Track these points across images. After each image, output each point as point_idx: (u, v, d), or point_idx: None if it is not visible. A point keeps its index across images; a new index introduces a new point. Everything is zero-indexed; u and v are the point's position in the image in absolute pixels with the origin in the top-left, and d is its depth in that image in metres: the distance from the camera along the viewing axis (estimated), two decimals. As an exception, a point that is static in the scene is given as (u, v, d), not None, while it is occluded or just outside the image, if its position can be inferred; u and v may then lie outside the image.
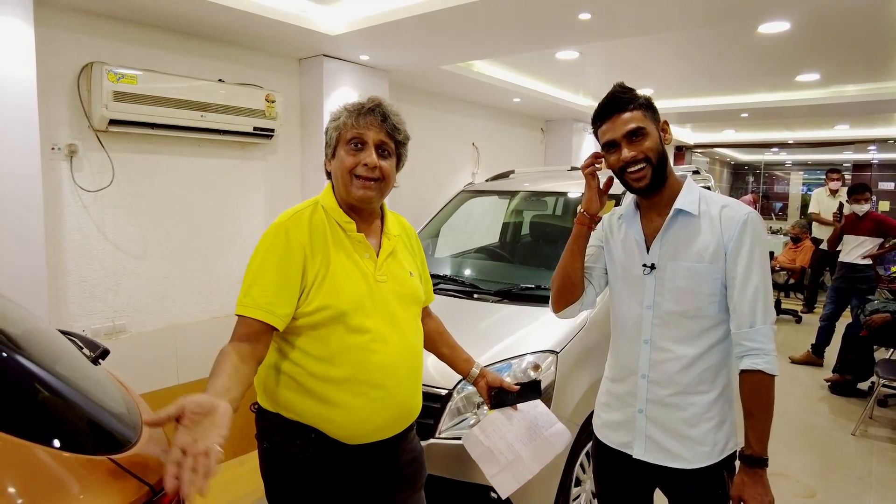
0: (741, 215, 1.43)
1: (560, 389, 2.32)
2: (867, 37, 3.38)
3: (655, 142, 1.44)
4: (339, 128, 1.41)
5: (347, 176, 1.39)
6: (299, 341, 1.38)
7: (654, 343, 1.51)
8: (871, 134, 7.99)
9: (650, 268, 1.50)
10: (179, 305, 3.21)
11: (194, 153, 3.19)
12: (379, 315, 1.40)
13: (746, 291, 1.41)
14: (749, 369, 1.40)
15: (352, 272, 1.39)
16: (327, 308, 1.34)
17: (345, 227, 1.42)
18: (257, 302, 1.29)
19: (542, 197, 3.87)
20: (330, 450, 1.38)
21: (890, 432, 3.99)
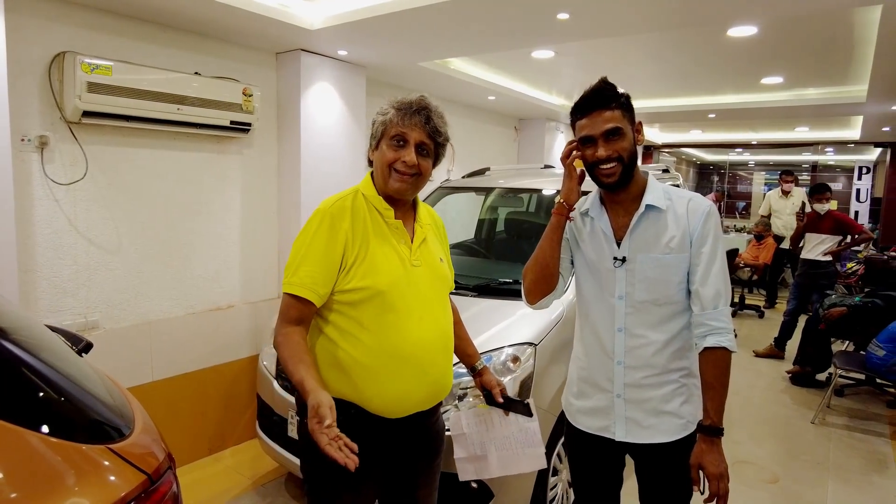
0: (704, 207, 1.56)
1: (538, 380, 2.38)
2: (828, 43, 3.54)
3: (629, 142, 1.52)
4: (385, 123, 1.51)
5: (387, 169, 1.51)
6: (338, 319, 1.49)
7: (628, 330, 1.59)
8: (827, 136, 8.31)
9: (621, 261, 1.58)
10: (154, 301, 3.16)
11: (170, 146, 3.15)
12: (413, 297, 1.51)
13: (709, 276, 1.51)
14: (714, 346, 1.50)
15: (390, 255, 1.50)
16: (366, 288, 1.45)
17: (384, 213, 1.54)
18: (304, 282, 1.43)
19: (517, 194, 3.94)
20: (366, 424, 1.49)
21: (846, 420, 4.18)
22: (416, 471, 1.65)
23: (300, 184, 3.60)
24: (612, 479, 1.75)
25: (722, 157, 12.60)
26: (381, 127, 1.53)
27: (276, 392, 2.78)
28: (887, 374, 3.84)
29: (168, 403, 3.23)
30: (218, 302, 3.50)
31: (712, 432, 1.50)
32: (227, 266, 3.52)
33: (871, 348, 3.96)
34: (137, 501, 0.98)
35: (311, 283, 1.43)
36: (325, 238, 1.46)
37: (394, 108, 1.51)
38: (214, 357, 3.47)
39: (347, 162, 3.91)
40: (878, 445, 3.76)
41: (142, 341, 3.10)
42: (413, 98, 1.51)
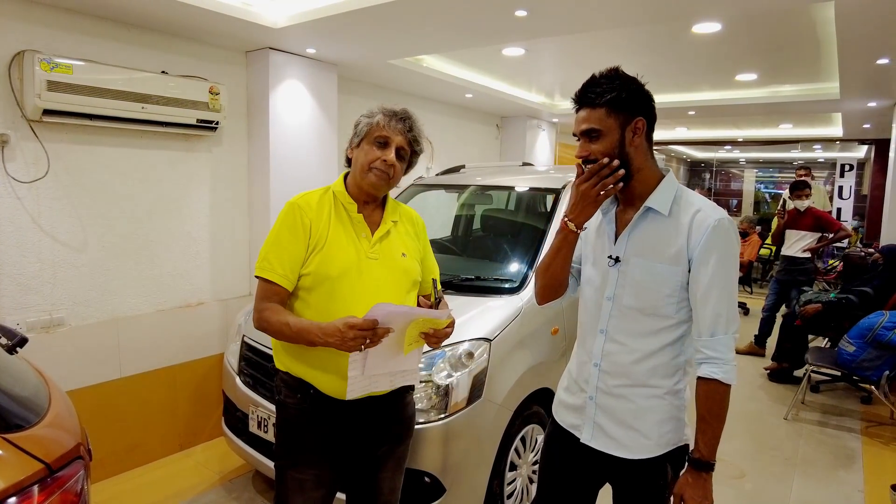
0: (711, 220, 1.41)
1: (492, 375, 2.39)
2: (795, 40, 3.55)
3: (610, 145, 1.42)
4: (370, 124, 1.67)
5: (367, 166, 1.65)
6: (294, 303, 1.65)
7: (608, 334, 1.53)
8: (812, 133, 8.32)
9: (615, 260, 1.52)
10: (122, 298, 3.18)
11: (136, 145, 3.16)
12: (364, 287, 1.62)
13: (708, 301, 1.40)
14: (705, 377, 1.42)
15: (345, 246, 1.63)
16: (318, 273, 1.59)
17: (348, 207, 1.69)
18: (273, 266, 1.59)
19: (491, 191, 3.95)
20: (324, 404, 1.64)
21: (819, 416, 4.20)
22: (378, 454, 1.74)
23: (270, 182, 3.61)
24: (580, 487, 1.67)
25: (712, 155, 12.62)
26: (366, 127, 1.68)
27: (239, 388, 2.79)
28: (857, 370, 3.86)
29: (137, 400, 3.24)
30: (188, 299, 3.51)
31: (699, 466, 1.42)
32: (196, 264, 3.53)
33: (842, 344, 3.98)
34: (40, 488, 1.00)
35: (278, 268, 1.59)
36: (291, 227, 1.61)
37: (382, 112, 1.68)
38: (184, 354, 3.49)
39: (319, 159, 3.92)
40: (847, 441, 3.78)
41: (109, 338, 3.12)
42: (399, 108, 1.71)
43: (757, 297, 7.91)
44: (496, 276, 2.97)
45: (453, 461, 2.25)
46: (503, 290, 2.80)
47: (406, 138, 1.68)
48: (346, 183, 1.73)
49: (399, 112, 1.69)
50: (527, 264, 2.92)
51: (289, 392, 1.69)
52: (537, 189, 3.58)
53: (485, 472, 2.40)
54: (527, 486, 2.73)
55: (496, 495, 2.46)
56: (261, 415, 2.63)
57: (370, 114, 1.69)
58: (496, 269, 3.08)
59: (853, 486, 3.18)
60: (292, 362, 1.67)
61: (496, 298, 2.73)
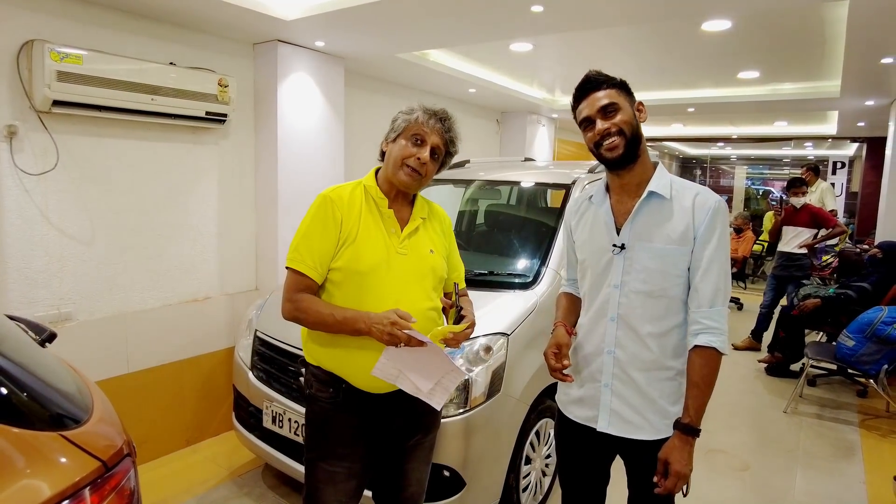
0: (712, 202, 1.52)
1: (510, 371, 2.41)
2: (801, 39, 3.58)
3: (629, 116, 1.52)
4: (409, 121, 1.66)
5: (400, 161, 1.65)
6: (324, 297, 1.64)
7: (621, 320, 1.57)
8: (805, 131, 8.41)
9: (620, 248, 1.57)
10: (130, 292, 3.14)
11: (144, 137, 3.12)
12: (393, 282, 1.62)
13: (710, 274, 1.49)
14: (704, 345, 1.48)
15: (376, 241, 1.63)
16: (348, 267, 1.59)
17: (378, 202, 1.68)
18: (303, 258, 1.60)
19: (496, 186, 3.95)
20: (356, 398, 1.64)
21: (817, 409, 4.27)
22: (405, 446, 1.76)
23: (277, 175, 3.59)
24: (598, 472, 1.73)
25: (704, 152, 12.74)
26: (403, 123, 1.67)
27: (251, 383, 2.78)
28: (856, 364, 3.92)
29: (144, 395, 3.22)
30: (195, 293, 3.48)
31: (688, 431, 1.46)
32: (203, 258, 3.50)
33: (841, 339, 4.04)
34: (93, 488, 0.99)
35: (309, 260, 1.59)
36: (322, 219, 1.61)
37: (422, 110, 1.67)
38: (191, 349, 3.46)
39: (326, 153, 3.90)
40: (846, 433, 3.84)
41: (117, 333, 3.09)
42: (438, 108, 1.70)
43: (750, 293, 8.01)
44: (509, 270, 2.98)
45: (473, 455, 2.27)
46: (516, 284, 2.81)
47: (443, 138, 1.68)
48: (378, 178, 1.73)
49: (439, 112, 1.68)
50: (539, 260, 2.94)
51: (321, 386, 1.69)
52: (546, 185, 3.59)
53: (503, 465, 2.41)
54: (540, 479, 2.75)
55: (512, 488, 2.48)
56: (276, 410, 2.62)
57: (409, 110, 1.68)
58: (508, 265, 3.09)
59: (856, 478, 3.24)
60: (324, 356, 1.67)
61: (510, 293, 2.74)
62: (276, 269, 3.70)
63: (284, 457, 2.59)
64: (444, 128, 1.67)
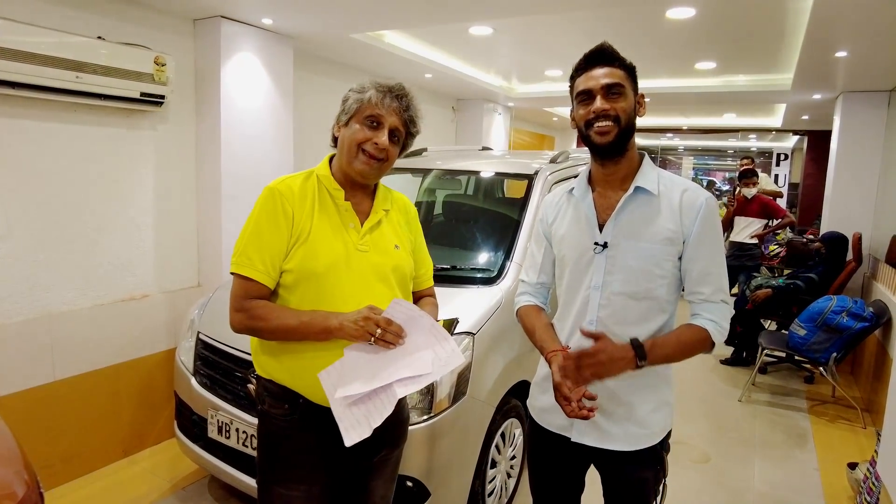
0: (702, 199, 1.42)
1: (476, 372, 2.28)
2: (763, 29, 3.58)
3: (629, 105, 1.41)
4: (361, 101, 1.46)
5: (355, 148, 1.46)
6: (277, 303, 1.46)
7: (601, 324, 1.46)
8: (752, 123, 8.64)
9: (602, 246, 1.45)
10: (54, 292, 2.84)
11: (69, 119, 2.81)
12: (353, 283, 1.45)
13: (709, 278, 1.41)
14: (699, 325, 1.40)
15: (331, 238, 1.45)
16: (302, 269, 1.41)
17: (334, 194, 1.49)
18: (252, 261, 1.40)
19: (454, 176, 3.81)
20: (315, 414, 1.46)
21: (769, 396, 4.36)
22: (370, 462, 1.59)
23: (220, 163, 3.32)
24: (571, 482, 1.63)
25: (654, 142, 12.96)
26: (355, 104, 1.47)
27: (195, 390, 2.55)
28: (807, 352, 4.01)
29: (74, 404, 2.93)
30: (131, 291, 3.20)
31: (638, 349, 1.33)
32: (140, 252, 3.22)
33: (793, 328, 4.12)
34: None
35: (259, 263, 1.41)
36: (270, 215, 1.43)
37: (374, 88, 1.47)
38: (128, 351, 3.19)
39: (272, 139, 3.65)
40: (797, 420, 3.93)
41: (41, 337, 2.79)
42: (394, 83, 1.49)
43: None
44: (473, 265, 2.85)
45: (438, 463, 2.13)
46: (479, 280, 2.69)
47: (402, 118, 1.49)
48: (332, 166, 1.54)
49: (394, 88, 1.49)
50: (503, 254, 2.82)
51: (274, 402, 1.50)
52: (508, 175, 3.47)
53: (468, 472, 2.29)
54: (505, 482, 2.65)
55: (478, 494, 2.37)
56: (222, 419, 2.41)
57: (360, 88, 1.49)
58: (471, 259, 2.96)
59: (810, 465, 3.30)
60: (278, 369, 1.49)
61: (473, 289, 2.61)
62: (219, 263, 3.44)
63: (233, 469, 2.39)
64: (402, 106, 1.49)
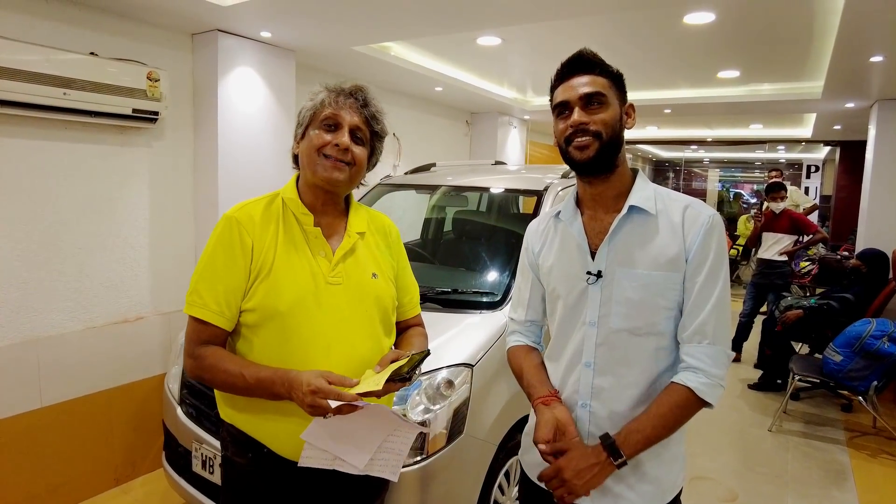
0: (705, 217, 1.24)
1: (475, 407, 2.09)
2: (789, 33, 3.35)
3: (613, 118, 1.23)
4: (315, 107, 1.32)
5: (315, 154, 1.30)
6: (238, 345, 1.31)
7: (597, 367, 1.27)
8: (781, 134, 8.32)
9: (596, 276, 1.26)
10: (43, 315, 2.74)
11: (58, 137, 2.72)
12: (323, 320, 1.29)
13: (702, 306, 1.21)
14: (679, 382, 1.20)
15: (298, 270, 1.29)
16: (264, 307, 1.26)
17: (301, 219, 1.33)
18: (205, 300, 1.26)
19: (466, 192, 3.64)
20: (280, 466, 1.31)
21: (802, 426, 4.06)
22: None
23: (218, 180, 3.21)
24: None
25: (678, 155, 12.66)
26: (309, 112, 1.33)
27: (180, 420, 2.41)
28: (844, 380, 3.71)
29: (63, 431, 2.81)
30: (124, 313, 3.09)
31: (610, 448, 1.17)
32: (134, 273, 3.11)
33: (827, 353, 3.83)
34: None
35: (212, 303, 1.25)
36: (227, 248, 1.27)
37: (326, 88, 1.34)
38: (120, 375, 3.07)
39: (273, 156, 3.54)
40: (835, 454, 3.63)
41: (28, 362, 2.68)
42: (349, 83, 1.35)
43: (726, 299, 7.86)
44: (475, 288, 2.67)
45: (431, 509, 1.94)
46: (482, 304, 2.50)
47: (361, 116, 1.32)
48: (299, 186, 1.38)
49: (348, 87, 1.34)
50: (508, 275, 2.63)
51: (237, 449, 1.36)
52: (517, 191, 3.29)
53: (468, 514, 2.09)
54: (510, 525, 2.44)
55: (478, 539, 2.16)
56: (205, 453, 2.26)
57: (314, 93, 1.35)
58: (474, 281, 2.78)
59: (849, 507, 3.02)
60: (240, 415, 1.33)
61: (475, 315, 2.43)
62: (218, 284, 3.31)
63: (216, 507, 2.24)
64: (359, 102, 1.32)
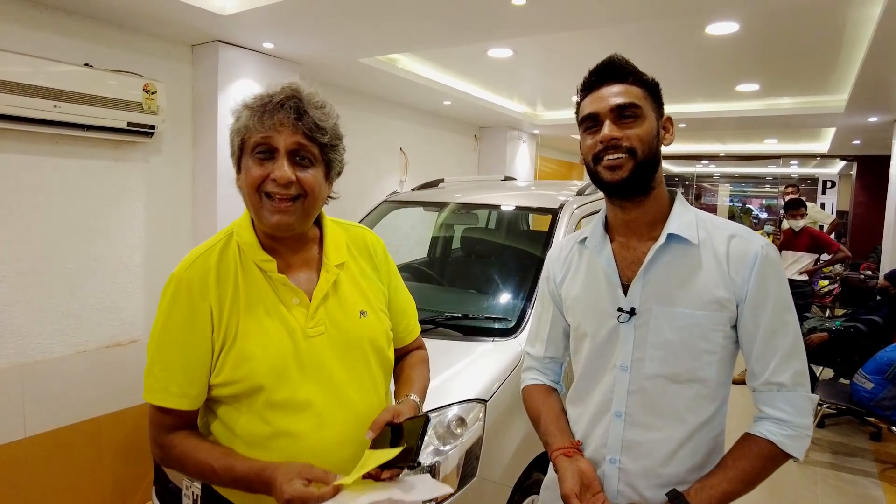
0: (756, 248, 1.08)
1: (489, 447, 1.92)
2: (816, 44, 3.21)
3: (649, 133, 1.09)
4: (240, 131, 1.07)
5: (255, 195, 1.06)
6: (213, 426, 1.12)
7: (629, 417, 1.12)
8: (796, 149, 8.15)
9: (629, 314, 1.11)
10: (30, 339, 2.59)
11: (49, 152, 2.60)
12: (312, 382, 1.08)
13: (775, 350, 1.07)
14: (759, 435, 1.07)
15: (271, 331, 1.08)
16: (235, 381, 1.06)
17: (263, 266, 1.10)
18: (164, 383, 1.06)
19: (471, 210, 3.49)
20: None
21: (830, 456, 3.84)
22: None
23: (217, 196, 3.07)
24: None
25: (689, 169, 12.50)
26: (236, 139, 1.08)
27: (170, 456, 2.24)
28: (876, 409, 3.50)
29: (47, 464, 2.65)
30: (117, 337, 2.94)
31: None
32: (127, 294, 2.96)
33: (857, 380, 3.63)
34: None
35: (172, 385, 1.06)
36: (182, 318, 1.06)
37: (248, 106, 1.06)
38: (112, 402, 2.91)
39: (278, 172, 3.40)
40: (867, 488, 3.41)
41: (12, 389, 2.53)
42: (275, 90, 1.06)
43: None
44: (487, 313, 2.50)
45: (441, 562, 1.76)
46: (495, 331, 2.34)
47: (298, 130, 1.04)
48: (255, 225, 1.13)
49: (275, 95, 1.05)
50: (523, 299, 2.47)
51: None
52: (530, 209, 3.13)
53: (482, 564, 1.91)
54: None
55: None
56: (196, 492, 2.09)
57: (235, 114, 1.09)
58: (486, 305, 2.62)
59: (889, 550, 2.80)
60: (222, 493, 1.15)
61: (486, 342, 2.26)
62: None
63: (206, 554, 2.06)
64: (292, 115, 1.03)
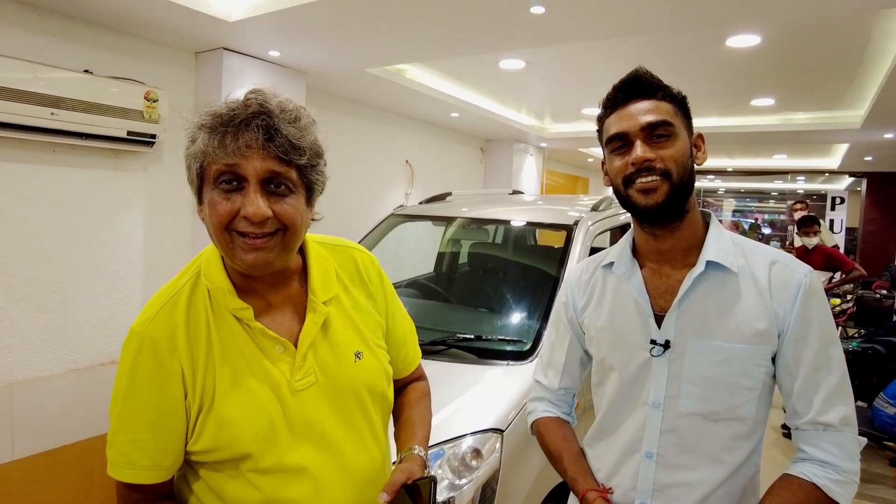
0: (799, 277, 0.99)
1: (506, 479, 1.80)
2: (837, 57, 3.13)
3: (683, 152, 1.00)
4: (197, 156, 0.85)
5: (224, 234, 0.86)
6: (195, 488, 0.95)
7: (661, 458, 1.02)
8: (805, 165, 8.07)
9: (662, 347, 1.01)
10: (20, 356, 2.48)
11: (46, 161, 2.50)
12: (304, 443, 0.93)
13: (818, 387, 0.98)
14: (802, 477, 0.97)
15: (253, 388, 0.91)
16: (219, 449, 0.90)
17: (239, 315, 0.92)
18: (131, 457, 0.90)
19: (482, 225, 3.38)
20: None
21: (850, 484, 3.70)
22: None
23: (219, 209, 2.97)
24: None
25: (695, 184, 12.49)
26: (195, 164, 0.86)
27: (164, 483, 2.12)
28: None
29: (35, 488, 2.52)
30: (112, 354, 2.82)
31: None
32: (124, 309, 2.85)
33: (878, 404, 3.51)
34: None
35: (142, 459, 0.90)
36: (148, 383, 0.89)
37: (203, 128, 0.84)
38: (105, 423, 2.72)
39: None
40: (891, 518, 3.28)
41: (0, 408, 2.41)
42: (236, 103, 0.84)
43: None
44: (501, 335, 2.38)
45: None
46: (509, 353, 2.22)
47: (269, 154, 0.83)
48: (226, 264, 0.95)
49: (238, 110, 0.83)
50: (539, 319, 2.35)
51: None
52: (544, 225, 3.03)
53: None
54: None
55: None
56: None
57: (191, 135, 0.86)
58: (500, 325, 2.50)
59: (920, 588, 2.66)
60: None
61: (499, 365, 2.15)
62: (216, 321, 3.06)
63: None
64: (261, 135, 0.82)
